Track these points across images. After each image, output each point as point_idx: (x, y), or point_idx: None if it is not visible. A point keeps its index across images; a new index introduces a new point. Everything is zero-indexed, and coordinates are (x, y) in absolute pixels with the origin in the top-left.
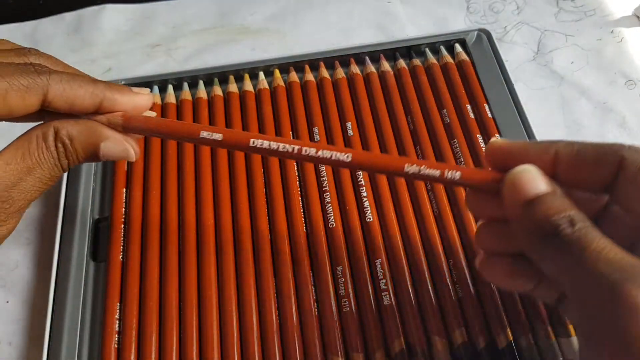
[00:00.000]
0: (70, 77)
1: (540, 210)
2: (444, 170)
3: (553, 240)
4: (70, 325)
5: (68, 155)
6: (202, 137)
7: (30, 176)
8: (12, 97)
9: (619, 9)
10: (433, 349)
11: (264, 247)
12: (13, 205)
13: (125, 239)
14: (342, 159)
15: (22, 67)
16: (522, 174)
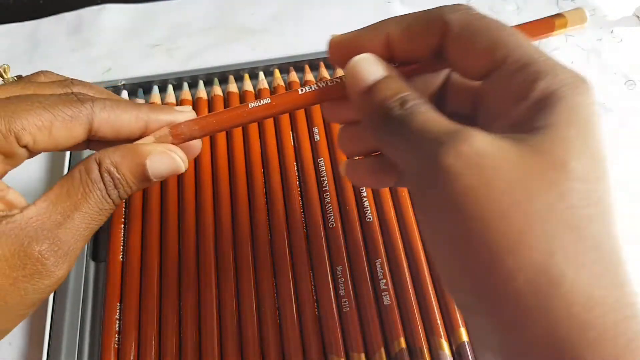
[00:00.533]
0: (113, 103)
1: (376, 96)
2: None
3: (387, 123)
4: (70, 325)
5: (117, 184)
6: (251, 107)
7: (78, 213)
8: (57, 129)
9: (619, 9)
10: (433, 348)
11: (263, 247)
12: (62, 247)
13: (125, 239)
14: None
15: (64, 97)
16: (357, 63)
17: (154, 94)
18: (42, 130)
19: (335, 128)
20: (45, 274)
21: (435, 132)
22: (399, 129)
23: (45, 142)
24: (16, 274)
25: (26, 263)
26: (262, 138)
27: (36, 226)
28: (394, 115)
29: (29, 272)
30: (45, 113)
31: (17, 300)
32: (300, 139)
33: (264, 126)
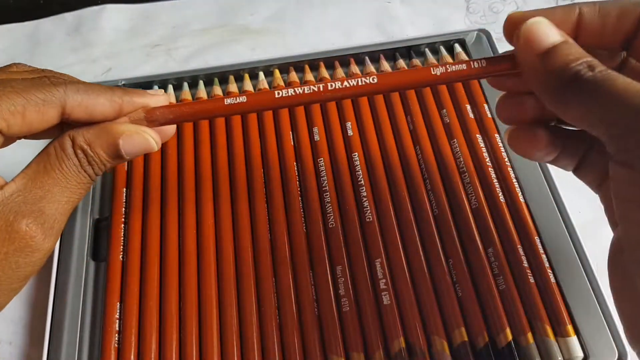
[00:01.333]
0: (87, 86)
1: (557, 59)
2: (470, 62)
3: (576, 86)
4: (70, 325)
5: (90, 161)
6: (227, 103)
7: (57, 187)
8: (30, 113)
9: None
10: (433, 348)
11: (263, 247)
12: (47, 220)
13: (125, 239)
14: (369, 81)
15: (37, 80)
16: (534, 25)
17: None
18: (15, 115)
19: (335, 128)
20: (34, 246)
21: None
22: (594, 89)
23: (19, 126)
24: (6, 249)
25: (14, 237)
26: (262, 138)
27: (19, 201)
28: (586, 78)
29: (19, 246)
30: (18, 97)
31: (9, 274)
32: (300, 139)
33: (264, 126)
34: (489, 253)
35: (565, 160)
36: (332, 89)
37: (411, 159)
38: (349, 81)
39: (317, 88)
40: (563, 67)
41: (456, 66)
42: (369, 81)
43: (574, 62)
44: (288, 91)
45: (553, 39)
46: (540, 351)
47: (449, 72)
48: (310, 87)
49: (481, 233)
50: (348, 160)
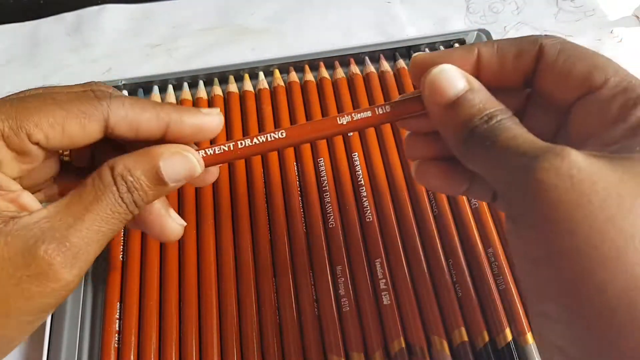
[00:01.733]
0: (133, 100)
1: (460, 113)
2: (374, 109)
3: (474, 140)
4: (70, 325)
5: (130, 188)
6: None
7: (89, 215)
8: (71, 126)
9: (618, 9)
10: (432, 348)
11: (263, 247)
12: (70, 248)
13: (125, 238)
14: (277, 136)
15: (80, 93)
16: (439, 74)
17: (154, 94)
18: (55, 127)
19: None
20: (51, 275)
21: (526, 148)
22: (485, 144)
23: (58, 139)
24: (20, 274)
25: (30, 262)
26: None
27: (44, 227)
28: (480, 131)
29: (34, 272)
30: (58, 109)
31: (21, 303)
32: None
33: (264, 126)
34: (489, 253)
35: (478, 193)
36: (242, 147)
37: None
38: (258, 137)
39: (226, 147)
40: (465, 121)
41: (361, 114)
42: (278, 136)
43: (475, 116)
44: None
45: (457, 89)
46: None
47: (354, 120)
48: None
49: (481, 233)
50: (348, 160)
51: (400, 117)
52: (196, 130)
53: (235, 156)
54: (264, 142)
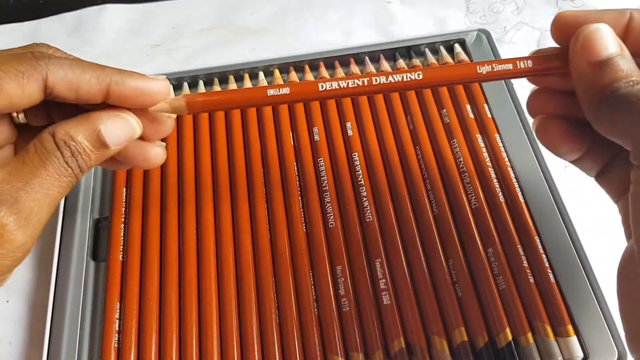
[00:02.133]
0: (73, 61)
1: (607, 74)
2: (516, 62)
3: (612, 100)
4: (70, 325)
5: (74, 153)
6: (270, 95)
7: (36, 179)
8: (8, 86)
9: None
10: (432, 348)
11: (263, 247)
12: (22, 210)
13: (125, 239)
14: (413, 77)
15: (19, 54)
16: (594, 33)
17: None
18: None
19: (335, 128)
20: (5, 236)
21: None
22: (630, 104)
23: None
24: None
25: None
26: (262, 137)
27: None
28: (623, 92)
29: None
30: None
31: None
32: (300, 139)
33: (264, 126)
34: (489, 253)
35: (589, 163)
36: (377, 84)
37: (411, 159)
38: (394, 76)
39: (361, 82)
40: (610, 82)
41: (502, 65)
42: (414, 77)
43: (621, 79)
44: (332, 84)
45: (609, 51)
46: (540, 351)
47: (495, 71)
48: (354, 81)
49: (481, 233)
50: (348, 160)
51: (540, 72)
52: (138, 92)
53: (373, 90)
54: (399, 81)
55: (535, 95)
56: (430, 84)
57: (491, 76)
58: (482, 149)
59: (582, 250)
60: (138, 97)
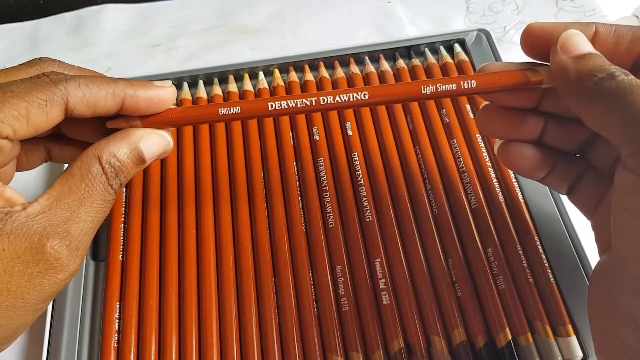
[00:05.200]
0: (88, 80)
1: (594, 61)
2: (460, 82)
3: (604, 87)
4: (70, 325)
5: (118, 173)
6: (221, 114)
7: (83, 207)
8: (34, 116)
9: (618, 9)
10: (432, 348)
11: (263, 247)
12: (72, 241)
13: (125, 238)
14: (360, 98)
15: (35, 80)
16: (575, 34)
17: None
18: (20, 120)
19: (335, 128)
20: (59, 268)
21: None
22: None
23: (25, 130)
24: (31, 271)
25: (39, 259)
26: (261, 137)
27: (44, 223)
28: (620, 79)
29: (43, 267)
30: (20, 102)
31: (34, 295)
32: (300, 139)
33: (264, 126)
34: (489, 253)
35: (556, 181)
36: (325, 104)
37: (411, 158)
38: (340, 96)
39: (309, 102)
40: (596, 68)
41: (447, 85)
42: (360, 97)
43: (607, 66)
44: (281, 103)
45: (591, 49)
46: (540, 351)
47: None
48: (302, 101)
49: (481, 233)
50: (348, 160)
51: (484, 91)
52: (150, 103)
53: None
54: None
55: (492, 117)
56: (375, 102)
57: (436, 96)
58: (482, 149)
59: (582, 250)
60: (150, 107)
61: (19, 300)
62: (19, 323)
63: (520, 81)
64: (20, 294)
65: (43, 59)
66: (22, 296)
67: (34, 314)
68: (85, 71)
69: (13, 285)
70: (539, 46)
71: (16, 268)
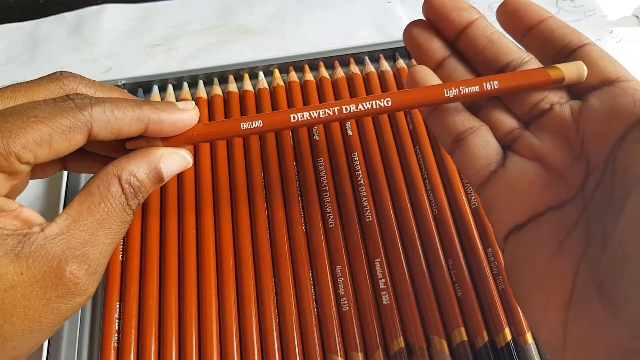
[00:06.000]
0: (112, 105)
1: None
2: (482, 83)
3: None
4: (70, 325)
5: (137, 193)
6: (243, 129)
7: (102, 230)
8: (57, 142)
9: (618, 9)
10: (432, 348)
11: (263, 247)
12: (91, 265)
13: (124, 238)
14: (383, 105)
15: (60, 104)
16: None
17: (154, 93)
18: (42, 145)
19: (335, 128)
20: (77, 293)
21: None
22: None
23: (46, 155)
24: (49, 295)
25: (58, 284)
26: (261, 137)
27: (62, 245)
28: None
29: (62, 292)
30: (44, 127)
31: (50, 319)
32: (299, 139)
33: None
34: (488, 253)
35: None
36: (348, 112)
37: (411, 158)
38: (363, 103)
39: (332, 112)
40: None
41: (470, 88)
42: (384, 104)
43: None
44: (304, 115)
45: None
46: (540, 351)
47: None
48: (324, 111)
49: (480, 233)
50: (348, 160)
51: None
52: (174, 128)
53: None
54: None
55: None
56: (399, 108)
57: (459, 98)
58: None
59: None
60: (173, 131)
61: (35, 324)
62: (32, 344)
63: (543, 79)
64: (37, 318)
65: (64, 74)
66: (39, 320)
67: (48, 335)
68: (107, 88)
69: (31, 309)
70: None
71: (34, 292)
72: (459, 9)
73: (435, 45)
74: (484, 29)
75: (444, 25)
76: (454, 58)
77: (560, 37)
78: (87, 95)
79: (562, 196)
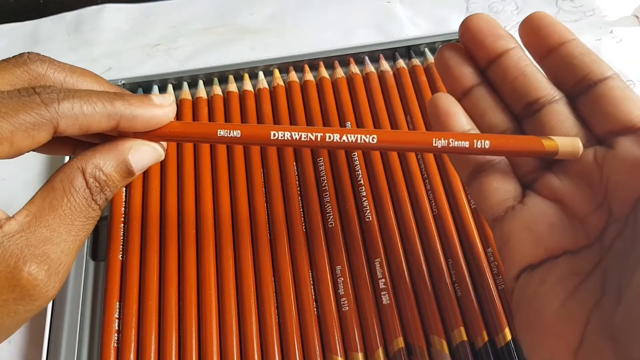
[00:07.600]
0: (82, 101)
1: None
2: (473, 140)
3: None
4: (70, 325)
5: (103, 187)
6: (220, 135)
7: (64, 226)
8: (19, 140)
9: (618, 9)
10: (432, 348)
11: (263, 247)
12: (52, 265)
13: (124, 238)
14: (368, 141)
15: (25, 99)
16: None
17: (154, 93)
18: (2, 143)
19: None
20: (36, 296)
21: None
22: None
23: (7, 153)
24: (6, 297)
25: (15, 285)
26: None
27: (21, 244)
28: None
29: (19, 295)
30: (5, 124)
31: (7, 321)
32: None
33: None
34: (488, 253)
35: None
36: (330, 141)
37: (411, 158)
38: (348, 135)
39: (314, 137)
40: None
41: (459, 142)
42: (368, 140)
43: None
44: (284, 134)
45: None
46: None
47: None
48: (307, 134)
49: (481, 233)
50: (348, 160)
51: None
52: (147, 125)
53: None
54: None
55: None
56: (383, 147)
57: (446, 150)
58: None
59: None
60: (146, 128)
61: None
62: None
63: (535, 149)
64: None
65: (32, 57)
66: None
67: (6, 337)
68: (78, 72)
69: None
70: (535, 42)
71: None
72: (495, 35)
73: (466, 71)
74: (518, 59)
75: (478, 50)
76: (482, 87)
77: (581, 66)
78: (55, 89)
79: (580, 241)
